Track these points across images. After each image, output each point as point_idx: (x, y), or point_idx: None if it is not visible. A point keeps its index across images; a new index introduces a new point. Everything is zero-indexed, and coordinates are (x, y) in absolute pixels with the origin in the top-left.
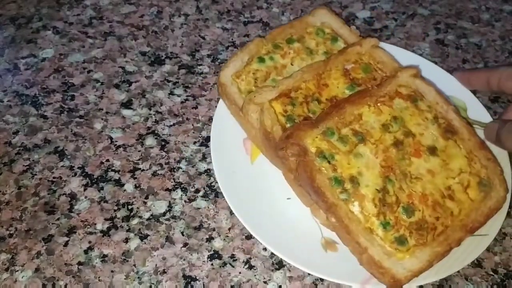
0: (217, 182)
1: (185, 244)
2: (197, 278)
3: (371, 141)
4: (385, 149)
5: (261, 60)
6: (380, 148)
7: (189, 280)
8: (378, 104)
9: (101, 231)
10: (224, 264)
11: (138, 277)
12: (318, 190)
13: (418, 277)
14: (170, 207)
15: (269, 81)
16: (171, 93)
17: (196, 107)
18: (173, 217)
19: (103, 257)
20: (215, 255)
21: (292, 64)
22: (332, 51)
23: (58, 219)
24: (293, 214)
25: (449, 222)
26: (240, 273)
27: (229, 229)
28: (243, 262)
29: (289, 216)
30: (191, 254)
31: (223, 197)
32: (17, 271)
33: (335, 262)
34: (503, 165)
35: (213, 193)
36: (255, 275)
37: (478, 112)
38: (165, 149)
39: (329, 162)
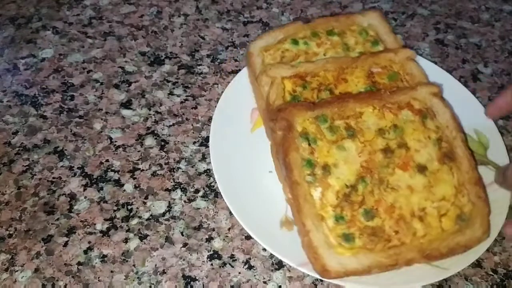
0: (216, 183)
1: (185, 244)
2: (197, 278)
3: (360, 139)
4: (372, 151)
5: (295, 42)
6: (367, 149)
7: (189, 280)
8: (384, 109)
9: (101, 231)
10: (224, 264)
11: (138, 277)
12: (288, 165)
13: (348, 277)
14: (169, 207)
15: (294, 63)
16: (171, 93)
17: (195, 107)
18: (173, 217)
19: (103, 257)
20: (214, 255)
21: (324, 55)
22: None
23: (57, 219)
24: (268, 187)
25: (407, 240)
26: (239, 273)
27: (229, 229)
28: (243, 262)
29: (263, 188)
30: (190, 254)
31: (223, 197)
32: (17, 271)
33: (284, 239)
34: (501, 211)
35: (212, 193)
36: (254, 275)
37: (499, 154)
38: (165, 149)
39: (309, 144)
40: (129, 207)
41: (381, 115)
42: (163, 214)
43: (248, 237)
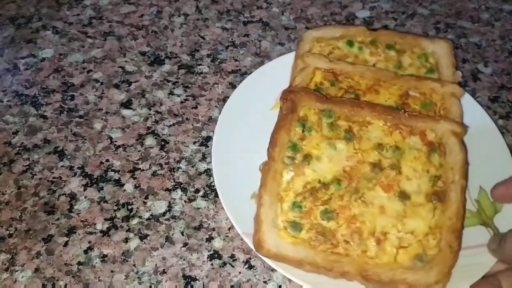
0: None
1: (185, 244)
2: (197, 278)
3: (355, 146)
4: (361, 161)
5: (350, 43)
6: (357, 157)
7: (189, 280)
8: (394, 128)
9: (101, 231)
10: (224, 264)
11: (138, 277)
12: (273, 141)
13: (277, 262)
14: (170, 207)
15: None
16: (171, 93)
17: (195, 107)
18: (173, 217)
19: (103, 257)
20: (215, 255)
21: (374, 65)
22: None
23: (58, 219)
24: (259, 162)
25: (353, 254)
26: (240, 273)
27: (229, 229)
28: (243, 262)
29: (254, 162)
30: (191, 254)
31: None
32: (17, 271)
33: (245, 209)
34: (474, 276)
35: (213, 193)
36: (255, 275)
37: (507, 221)
38: (165, 149)
39: (303, 131)
40: (129, 207)
41: (388, 133)
42: (163, 214)
43: None
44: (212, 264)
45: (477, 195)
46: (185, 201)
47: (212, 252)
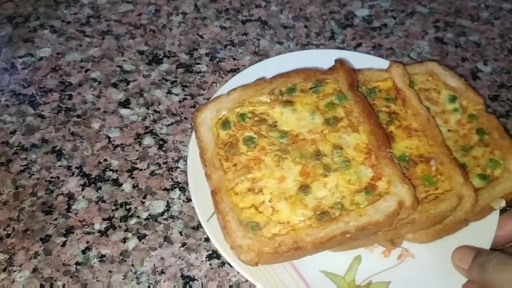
0: None
1: (183, 244)
2: (196, 278)
3: (325, 130)
4: (314, 141)
5: (452, 99)
6: (315, 137)
7: (188, 280)
8: (366, 151)
9: (99, 231)
10: (223, 264)
11: (136, 277)
12: (290, 73)
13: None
14: (168, 206)
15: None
16: (169, 92)
17: (194, 106)
18: (171, 216)
19: (101, 257)
20: (213, 254)
21: (448, 130)
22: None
23: (55, 219)
24: None
25: (227, 176)
26: (238, 273)
27: None
28: None
29: None
30: (189, 254)
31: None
32: (15, 271)
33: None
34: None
35: None
36: None
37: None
38: (163, 149)
39: (311, 88)
40: (128, 206)
41: (358, 149)
42: (162, 214)
43: None
44: (210, 264)
45: None
46: (183, 201)
47: (210, 252)
